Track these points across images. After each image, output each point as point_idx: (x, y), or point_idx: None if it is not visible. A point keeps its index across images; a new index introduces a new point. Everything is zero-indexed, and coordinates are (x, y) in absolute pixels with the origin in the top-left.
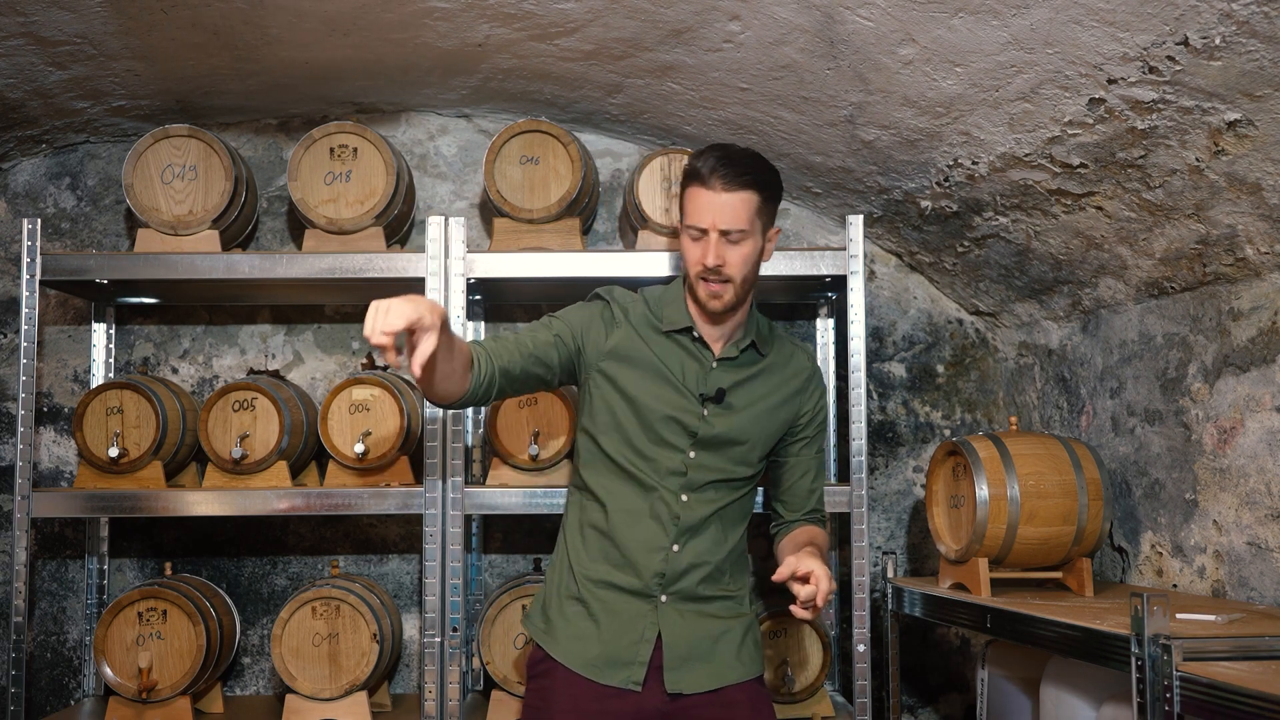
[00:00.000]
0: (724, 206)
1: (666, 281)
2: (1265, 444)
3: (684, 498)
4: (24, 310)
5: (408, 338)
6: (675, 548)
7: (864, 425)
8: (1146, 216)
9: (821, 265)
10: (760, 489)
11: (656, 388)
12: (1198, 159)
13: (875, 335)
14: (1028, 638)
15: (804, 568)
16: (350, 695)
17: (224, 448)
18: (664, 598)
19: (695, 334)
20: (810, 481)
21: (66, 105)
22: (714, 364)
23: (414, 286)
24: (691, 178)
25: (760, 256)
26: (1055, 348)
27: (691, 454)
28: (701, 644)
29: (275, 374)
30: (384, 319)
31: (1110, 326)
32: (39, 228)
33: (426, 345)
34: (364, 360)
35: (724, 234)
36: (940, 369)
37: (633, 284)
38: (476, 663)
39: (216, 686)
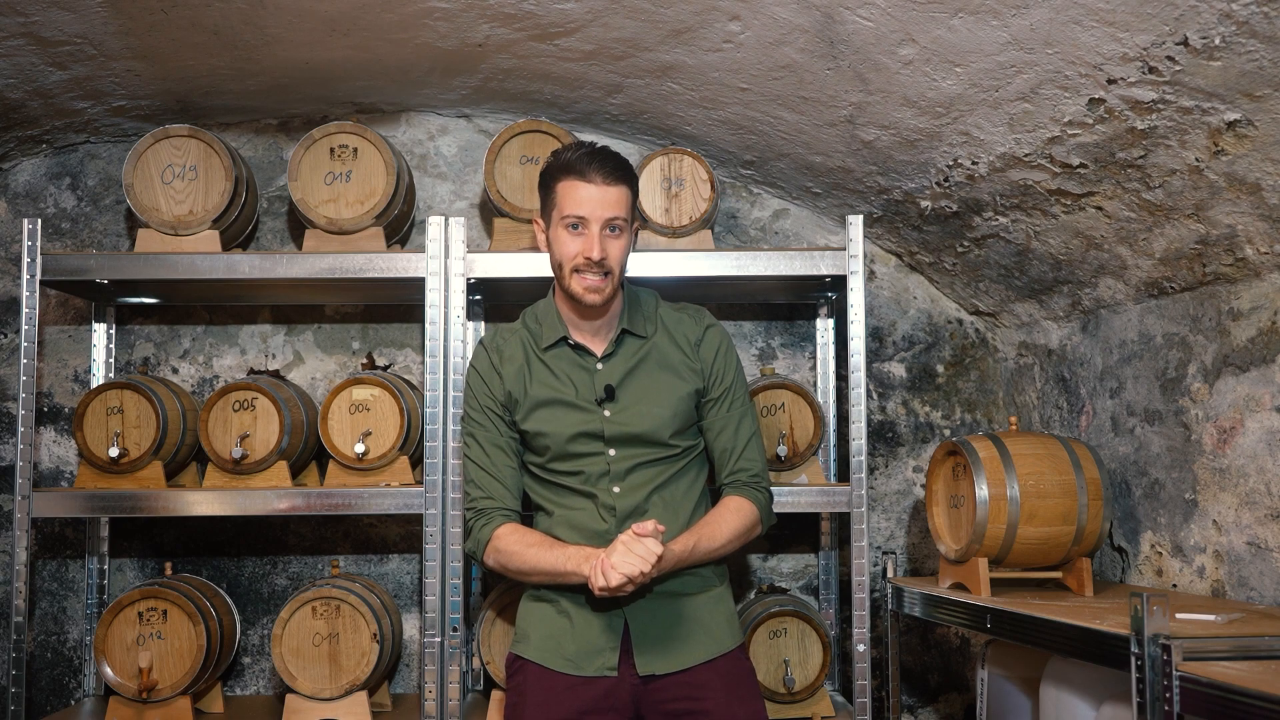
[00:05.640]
0: (607, 198)
1: (664, 283)
2: (1265, 444)
3: (615, 489)
4: (24, 310)
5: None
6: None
7: (864, 425)
8: (1146, 216)
9: (821, 265)
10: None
11: (556, 413)
12: (1197, 159)
13: (875, 335)
14: (1028, 638)
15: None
16: (350, 695)
17: (224, 448)
18: None
19: (571, 342)
20: (727, 440)
21: (67, 105)
22: (598, 365)
23: (414, 286)
24: (565, 171)
25: (630, 249)
26: (1055, 348)
27: (611, 452)
28: (670, 624)
29: (275, 374)
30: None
31: (1110, 326)
32: (39, 228)
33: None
34: (364, 360)
35: (607, 225)
36: (940, 369)
37: (632, 284)
38: (476, 663)
39: (217, 686)
